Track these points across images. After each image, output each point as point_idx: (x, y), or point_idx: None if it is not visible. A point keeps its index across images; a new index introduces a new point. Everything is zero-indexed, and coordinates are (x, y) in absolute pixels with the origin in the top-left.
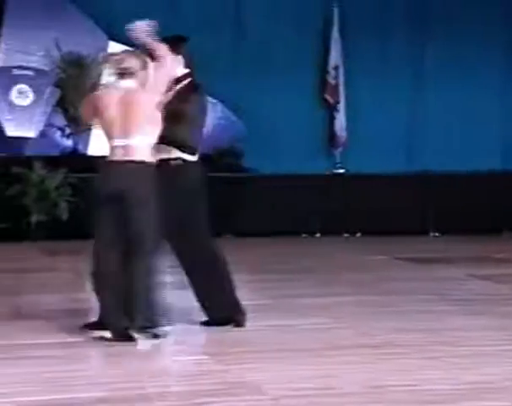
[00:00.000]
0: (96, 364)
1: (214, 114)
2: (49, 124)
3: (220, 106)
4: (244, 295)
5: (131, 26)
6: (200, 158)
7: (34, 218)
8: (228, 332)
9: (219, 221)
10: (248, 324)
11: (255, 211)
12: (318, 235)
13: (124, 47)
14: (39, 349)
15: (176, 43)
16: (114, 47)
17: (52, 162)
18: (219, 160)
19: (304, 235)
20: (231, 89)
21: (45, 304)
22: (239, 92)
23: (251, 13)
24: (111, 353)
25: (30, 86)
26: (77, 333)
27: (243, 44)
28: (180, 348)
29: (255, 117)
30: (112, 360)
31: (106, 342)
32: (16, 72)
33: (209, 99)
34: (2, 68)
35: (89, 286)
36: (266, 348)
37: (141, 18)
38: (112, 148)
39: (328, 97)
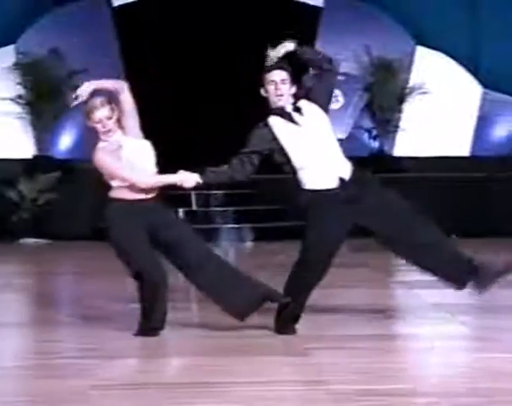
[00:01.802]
0: (401, 358)
1: None
2: (357, 127)
3: None
4: None
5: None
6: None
7: None
8: None
9: None
10: None
11: None
12: None
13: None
14: (353, 341)
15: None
16: (421, 52)
17: (360, 163)
18: None
19: None
20: None
21: (356, 299)
22: None
23: None
24: (417, 349)
25: (341, 90)
26: (385, 327)
27: None
28: (486, 345)
29: None
30: (417, 356)
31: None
32: None
33: None
34: None
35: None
36: None
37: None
38: None
39: None
